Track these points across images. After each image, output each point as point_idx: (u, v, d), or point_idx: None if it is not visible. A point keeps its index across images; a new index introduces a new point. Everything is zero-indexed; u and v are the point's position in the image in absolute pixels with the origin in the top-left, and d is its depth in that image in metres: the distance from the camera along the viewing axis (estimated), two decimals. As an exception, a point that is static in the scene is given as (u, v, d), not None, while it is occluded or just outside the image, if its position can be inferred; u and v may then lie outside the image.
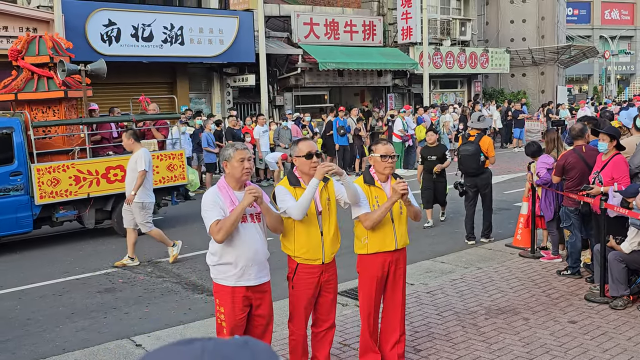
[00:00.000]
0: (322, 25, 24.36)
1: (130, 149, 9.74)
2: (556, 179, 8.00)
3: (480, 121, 10.62)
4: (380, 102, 27.02)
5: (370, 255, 5.34)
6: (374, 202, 5.27)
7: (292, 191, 5.03)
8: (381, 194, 5.30)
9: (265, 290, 4.90)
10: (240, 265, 4.69)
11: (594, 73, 57.08)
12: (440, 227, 11.77)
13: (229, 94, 22.50)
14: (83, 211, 11.40)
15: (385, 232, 5.30)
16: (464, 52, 29.04)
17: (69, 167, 10.99)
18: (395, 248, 5.34)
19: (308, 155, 4.99)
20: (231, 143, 4.69)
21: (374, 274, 5.36)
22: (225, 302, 4.74)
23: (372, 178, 5.34)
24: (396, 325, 5.50)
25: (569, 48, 35.02)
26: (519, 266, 8.69)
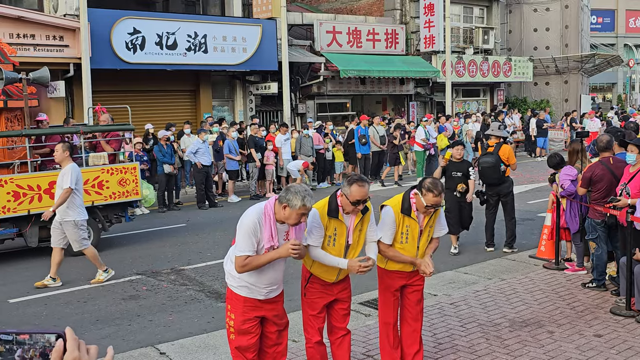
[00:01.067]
0: (344, 34, 24.41)
1: (60, 162, 9.14)
2: (582, 191, 7.93)
3: (500, 130, 10.62)
4: (402, 110, 26.99)
5: (391, 270, 5.40)
6: (403, 229, 5.27)
7: (325, 221, 4.95)
8: (413, 224, 5.29)
9: (278, 300, 4.93)
10: (258, 289, 4.71)
11: (618, 81, 56.52)
12: (463, 238, 11.70)
13: (251, 101, 22.61)
14: (24, 229, 10.63)
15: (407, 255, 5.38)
16: (487, 61, 28.93)
17: (7, 182, 10.26)
18: (413, 270, 5.43)
19: (355, 203, 4.86)
20: (305, 192, 4.44)
21: (392, 285, 5.44)
22: (236, 309, 4.72)
23: (409, 208, 5.26)
24: (416, 337, 5.52)
25: (593, 57, 34.72)
26: (543, 278, 8.63)
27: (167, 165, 15.84)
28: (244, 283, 4.68)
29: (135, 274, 9.74)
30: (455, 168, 10.23)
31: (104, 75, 18.23)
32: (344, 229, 5.00)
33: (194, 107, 21.67)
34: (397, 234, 5.26)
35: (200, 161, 16.02)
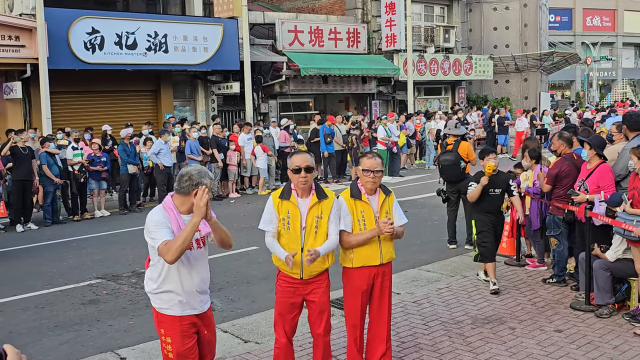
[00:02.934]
0: (306, 33, 24.39)
1: None
2: (547, 188, 7.96)
3: (457, 127, 10.67)
4: (364, 109, 27.07)
5: (355, 269, 5.32)
6: (359, 216, 5.23)
7: (277, 204, 5.02)
8: (367, 208, 5.24)
9: (209, 315, 4.65)
10: (184, 295, 4.38)
11: (577, 79, 57.56)
12: (426, 236, 11.78)
13: (213, 101, 22.44)
14: None
15: (371, 247, 5.27)
16: (448, 59, 29.18)
17: None
18: (381, 263, 5.32)
19: (295, 170, 4.93)
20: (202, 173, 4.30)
21: (358, 286, 5.33)
22: (173, 332, 4.41)
23: (359, 192, 5.26)
24: (383, 337, 5.47)
25: (551, 55, 35.28)
26: (504, 274, 8.70)
27: (132, 166, 15.63)
28: (172, 295, 4.37)
29: (95, 278, 9.57)
30: (490, 184, 7.83)
31: (62, 75, 17.92)
32: (297, 212, 4.97)
33: (155, 108, 21.44)
34: (355, 221, 5.21)
35: (162, 162, 15.84)
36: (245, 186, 18.42)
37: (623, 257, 6.86)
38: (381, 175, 5.26)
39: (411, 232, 12.12)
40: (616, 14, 60.42)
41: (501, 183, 7.95)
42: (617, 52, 60.13)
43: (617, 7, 60.28)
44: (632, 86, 64.05)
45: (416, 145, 23.58)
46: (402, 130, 21.36)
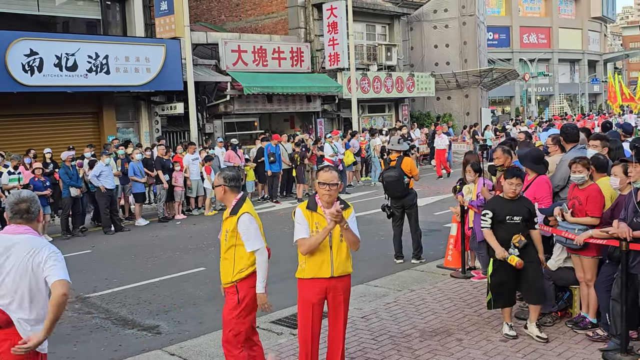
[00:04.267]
0: (250, 52, 24.41)
1: None
2: None
3: (400, 143, 10.81)
4: (310, 127, 27.18)
5: (306, 280, 5.37)
6: (314, 227, 5.31)
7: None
8: (322, 220, 5.31)
9: None
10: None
11: (516, 95, 59.09)
12: (373, 251, 11.85)
13: (157, 122, 22.21)
14: None
15: (322, 258, 5.32)
16: (391, 77, 29.58)
17: None
18: (331, 275, 5.34)
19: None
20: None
21: (308, 298, 5.37)
22: None
23: (315, 204, 5.38)
24: (337, 355, 5.48)
25: (490, 71, 36.13)
26: (450, 287, 8.82)
27: (74, 189, 15.30)
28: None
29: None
30: (508, 210, 6.67)
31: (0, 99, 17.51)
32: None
33: (97, 130, 21.09)
34: (310, 233, 5.30)
35: (103, 185, 15.57)
36: (192, 207, 18.24)
37: (564, 266, 7.03)
38: (337, 188, 5.32)
39: (358, 248, 12.21)
40: (551, 32, 62.43)
41: (522, 209, 6.66)
42: (553, 68, 62.04)
43: (552, 24, 62.32)
44: (569, 100, 66.10)
45: (362, 162, 23.78)
46: (347, 148, 21.54)
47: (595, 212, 6.47)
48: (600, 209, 6.49)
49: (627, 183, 6.25)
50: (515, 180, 6.60)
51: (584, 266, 6.67)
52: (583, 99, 66.64)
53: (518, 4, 60.65)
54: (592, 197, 6.52)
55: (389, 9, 30.84)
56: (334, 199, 5.32)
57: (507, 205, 6.69)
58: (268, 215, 16.76)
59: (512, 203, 6.68)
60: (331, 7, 26.54)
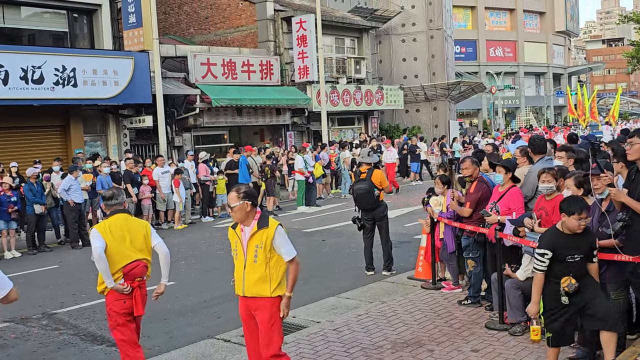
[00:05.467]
0: (219, 65, 24.38)
1: None
2: (469, 212, 8.18)
3: (370, 156, 10.88)
4: (279, 140, 27.20)
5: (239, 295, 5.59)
6: (234, 245, 5.56)
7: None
8: (239, 238, 5.51)
9: None
10: None
11: (483, 107, 59.87)
12: (344, 263, 11.87)
13: (125, 135, 22.03)
14: None
15: (238, 277, 5.53)
16: (360, 90, 29.76)
17: None
18: (243, 294, 5.49)
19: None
20: None
21: (240, 313, 5.63)
22: None
23: (236, 223, 5.59)
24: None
25: (458, 84, 36.57)
26: (421, 298, 8.87)
27: (38, 206, 15.08)
28: None
29: (2, 322, 9.13)
30: (571, 247, 5.61)
31: (-37, 112, 17.21)
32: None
33: (65, 143, 20.83)
34: (232, 250, 5.56)
35: (72, 199, 15.37)
36: (161, 221, 18.09)
37: (533, 276, 7.11)
38: (241, 207, 5.37)
39: (329, 260, 12.25)
40: (517, 45, 63.48)
41: (585, 245, 5.64)
42: (519, 81, 63.03)
43: (518, 38, 63.38)
44: (535, 113, 67.17)
45: (331, 174, 23.84)
46: (317, 161, 21.59)
47: (561, 224, 6.56)
48: (566, 220, 6.57)
49: (581, 195, 6.36)
50: (585, 214, 5.54)
51: (552, 276, 6.74)
52: (548, 112, 67.76)
53: (484, 18, 61.60)
54: (558, 208, 6.61)
55: (357, 22, 31.07)
56: (240, 219, 5.44)
57: (569, 241, 5.61)
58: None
59: (575, 238, 5.61)
60: (300, 20, 26.66)
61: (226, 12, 28.70)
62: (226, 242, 15.47)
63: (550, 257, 5.58)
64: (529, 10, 65.44)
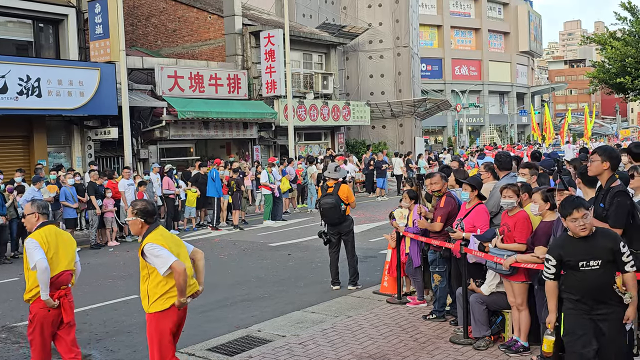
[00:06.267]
0: (186, 78, 24.29)
1: None
2: (440, 226, 8.25)
3: (337, 171, 10.90)
4: (246, 154, 27.14)
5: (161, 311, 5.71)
6: None
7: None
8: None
9: None
10: None
11: (448, 125, 60.57)
12: (310, 278, 11.87)
13: (90, 147, 21.77)
14: None
15: None
16: (327, 105, 29.88)
17: None
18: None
19: None
20: None
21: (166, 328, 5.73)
22: None
23: None
24: None
25: (424, 101, 36.96)
26: (387, 312, 8.90)
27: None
28: None
29: (-39, 335, 8.92)
30: (582, 251, 5.15)
31: None
32: None
33: (27, 154, 20.50)
34: None
35: (34, 210, 15.08)
36: (125, 234, 17.88)
37: (497, 291, 7.20)
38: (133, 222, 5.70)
39: (295, 274, 12.24)
40: (482, 64, 64.48)
41: (601, 251, 5.10)
42: (483, 99, 63.96)
43: (482, 57, 64.38)
44: (498, 131, 68.15)
45: (298, 189, 23.85)
46: (284, 176, 21.59)
47: (522, 239, 6.69)
48: (526, 236, 6.70)
49: (547, 209, 6.49)
50: (582, 212, 5.08)
51: (515, 291, 6.85)
52: (512, 130, 68.79)
53: (450, 37, 62.47)
54: (519, 224, 6.74)
55: (325, 38, 31.27)
56: (137, 232, 5.77)
57: (579, 246, 5.14)
58: (204, 242, 16.60)
59: (584, 242, 5.12)
60: (268, 35, 26.73)
61: (194, 25, 28.65)
62: (191, 256, 15.24)
63: (556, 265, 5.22)
64: (493, 30, 66.57)
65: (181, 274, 5.38)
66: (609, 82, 22.56)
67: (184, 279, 5.39)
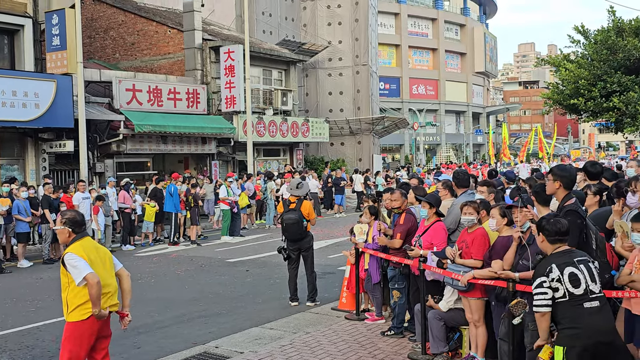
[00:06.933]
0: (145, 92, 24.07)
1: None
2: (399, 243, 8.30)
3: (299, 188, 10.92)
4: (204, 169, 26.98)
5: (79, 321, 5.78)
6: None
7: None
8: None
9: None
10: None
11: (405, 143, 61.18)
12: (268, 294, 11.82)
13: (44, 160, 21.37)
14: None
15: None
16: (286, 122, 29.94)
17: None
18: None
19: None
20: None
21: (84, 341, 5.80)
22: None
23: None
24: None
25: (382, 119, 37.31)
26: (345, 329, 8.91)
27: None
28: None
29: None
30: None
31: None
32: None
33: (-22, 166, 20.04)
34: None
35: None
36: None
37: (455, 307, 7.29)
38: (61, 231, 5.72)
39: (253, 290, 12.18)
40: (439, 84, 65.46)
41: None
42: (440, 118, 64.86)
43: (439, 77, 65.39)
44: (455, 150, 69.12)
45: (256, 205, 23.78)
46: (242, 191, 21.52)
47: (478, 255, 6.79)
48: (483, 252, 6.80)
49: (504, 225, 6.61)
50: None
51: (472, 307, 6.93)
52: (468, 149, 69.83)
53: (408, 57, 63.30)
54: (477, 240, 6.84)
55: (285, 55, 31.38)
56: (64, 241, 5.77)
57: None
58: (161, 258, 16.41)
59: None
60: (229, 50, 26.71)
61: (154, 39, 28.46)
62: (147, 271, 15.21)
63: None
64: (450, 51, 67.70)
65: (93, 286, 5.44)
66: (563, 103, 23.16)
67: (96, 291, 5.44)
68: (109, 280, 5.72)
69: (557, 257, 5.11)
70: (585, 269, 5.02)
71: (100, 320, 5.62)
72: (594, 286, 4.99)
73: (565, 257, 5.07)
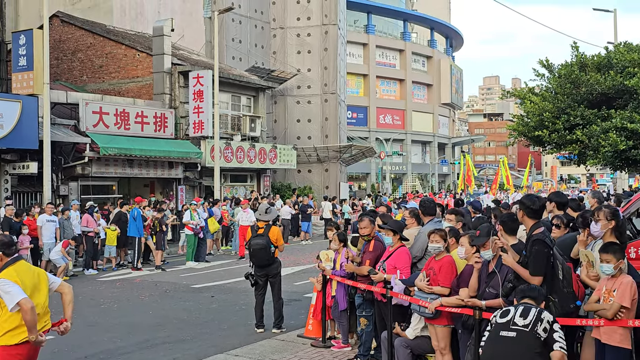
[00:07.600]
0: (112, 115, 23.88)
1: None
2: (367, 269, 8.31)
3: (268, 213, 10.90)
4: (170, 193, 26.78)
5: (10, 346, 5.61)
6: None
7: None
8: None
9: None
10: None
11: (372, 172, 61.56)
12: (233, 320, 11.71)
13: (7, 181, 21.00)
14: None
15: None
16: (254, 148, 29.93)
17: None
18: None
19: None
20: None
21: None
22: None
23: None
24: None
25: (349, 147, 37.53)
26: (311, 356, 8.86)
27: None
28: None
29: None
30: None
31: None
32: None
33: (-62, 186, 19.62)
34: None
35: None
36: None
37: (421, 335, 7.31)
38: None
39: (218, 316, 12.06)
40: (405, 114, 66.24)
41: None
42: (406, 148, 65.49)
43: (406, 107, 66.19)
44: (420, 179, 69.74)
45: (222, 230, 23.63)
46: (211, 216, 21.39)
47: (445, 283, 6.84)
48: (450, 280, 6.86)
49: (473, 253, 6.68)
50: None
51: (438, 335, 6.96)
52: (433, 179, 70.51)
53: (375, 86, 64.00)
54: (444, 268, 6.90)
55: (254, 81, 31.48)
56: None
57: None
58: (124, 283, 16.17)
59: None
60: (198, 75, 26.71)
61: (122, 62, 28.33)
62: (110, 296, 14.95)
63: None
64: (417, 82, 68.64)
65: (28, 312, 5.33)
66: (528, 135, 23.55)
67: (30, 316, 5.33)
68: (43, 302, 5.67)
69: None
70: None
71: (35, 346, 5.52)
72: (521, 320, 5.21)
73: None
